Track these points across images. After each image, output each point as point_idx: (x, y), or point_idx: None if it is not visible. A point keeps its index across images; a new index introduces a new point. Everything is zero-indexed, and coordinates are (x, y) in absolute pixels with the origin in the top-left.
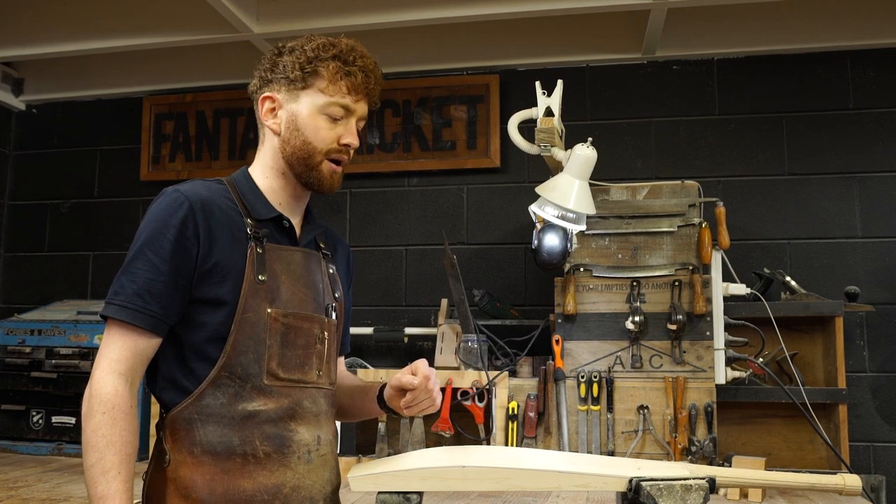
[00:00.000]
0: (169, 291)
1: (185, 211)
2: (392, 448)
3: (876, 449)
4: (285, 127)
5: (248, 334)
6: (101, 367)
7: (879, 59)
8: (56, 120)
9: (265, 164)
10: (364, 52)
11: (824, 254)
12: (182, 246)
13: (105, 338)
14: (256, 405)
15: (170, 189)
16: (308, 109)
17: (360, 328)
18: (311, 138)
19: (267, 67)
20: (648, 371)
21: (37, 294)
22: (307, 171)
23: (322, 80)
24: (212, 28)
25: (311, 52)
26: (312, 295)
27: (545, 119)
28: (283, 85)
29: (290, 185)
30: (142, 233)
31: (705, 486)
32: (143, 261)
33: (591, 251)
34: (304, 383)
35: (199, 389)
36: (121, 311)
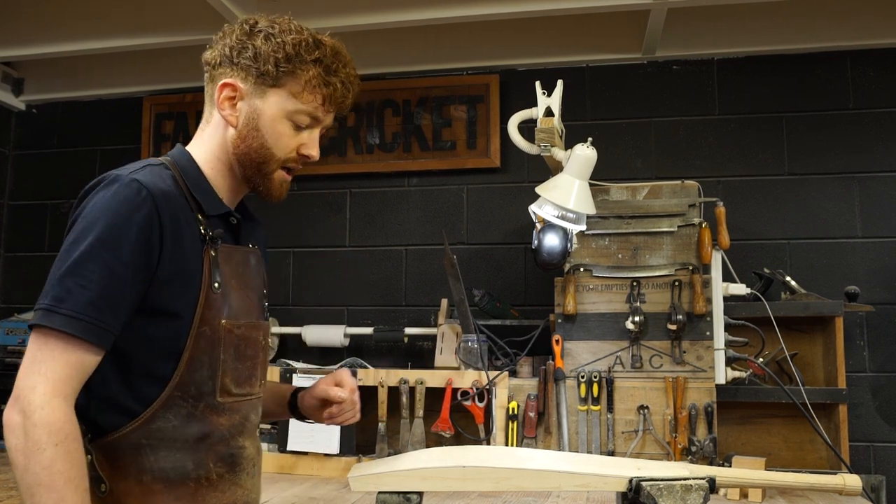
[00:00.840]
0: (124, 302)
1: (149, 208)
2: (392, 448)
3: (876, 449)
4: (244, 123)
5: (203, 349)
6: (43, 389)
7: (879, 59)
8: (56, 120)
9: (211, 152)
10: (348, 58)
11: (824, 254)
12: (144, 249)
13: (40, 351)
14: (210, 425)
15: (125, 177)
16: (274, 111)
17: (360, 328)
18: (270, 143)
19: (234, 46)
20: (648, 371)
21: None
22: (258, 176)
23: (297, 83)
24: (212, 28)
25: (290, 47)
26: (256, 299)
27: (545, 119)
28: (251, 75)
29: (234, 182)
30: (92, 226)
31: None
32: (96, 262)
33: (591, 251)
34: (251, 396)
35: (150, 411)
36: (69, 322)
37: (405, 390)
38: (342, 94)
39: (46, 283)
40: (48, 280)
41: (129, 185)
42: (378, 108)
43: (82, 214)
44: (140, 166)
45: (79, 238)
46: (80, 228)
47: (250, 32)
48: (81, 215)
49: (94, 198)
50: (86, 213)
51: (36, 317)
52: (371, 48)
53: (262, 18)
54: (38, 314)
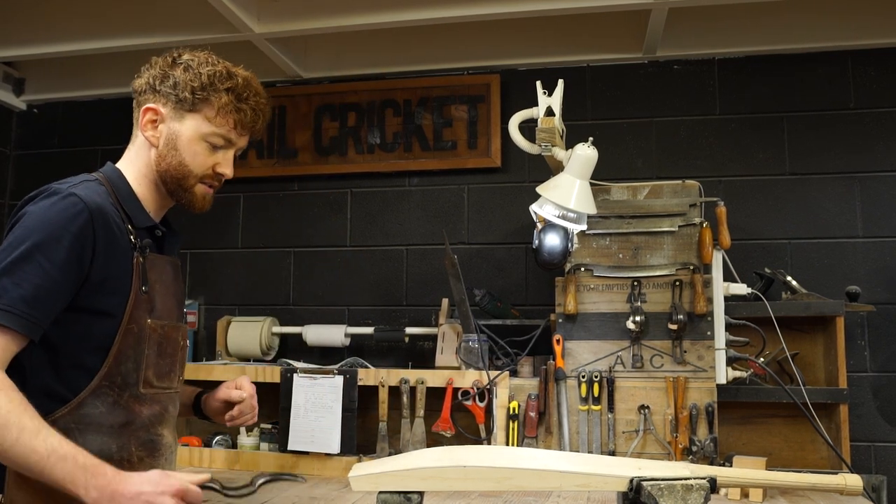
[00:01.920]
0: (54, 300)
1: (85, 220)
2: (393, 448)
3: (877, 449)
4: (164, 143)
5: (129, 344)
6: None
7: (881, 59)
8: (57, 120)
9: (138, 170)
10: (259, 89)
11: (825, 253)
12: (77, 256)
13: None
14: (132, 413)
15: (63, 191)
16: (190, 133)
17: (361, 328)
18: (188, 161)
19: (157, 76)
20: (649, 371)
21: None
22: (180, 190)
23: (211, 108)
24: (212, 28)
25: (206, 77)
26: (176, 303)
27: (546, 119)
28: (171, 101)
29: (160, 196)
30: (31, 233)
31: (706, 486)
32: (32, 265)
33: (592, 251)
34: (170, 389)
35: (79, 398)
36: (2, 315)
37: (406, 390)
38: (252, 119)
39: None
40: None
41: (67, 198)
42: (379, 108)
43: (21, 222)
44: (78, 181)
45: (16, 242)
46: (18, 234)
47: (172, 64)
48: (20, 223)
49: (33, 207)
50: (24, 221)
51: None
52: (371, 48)
53: (186, 52)
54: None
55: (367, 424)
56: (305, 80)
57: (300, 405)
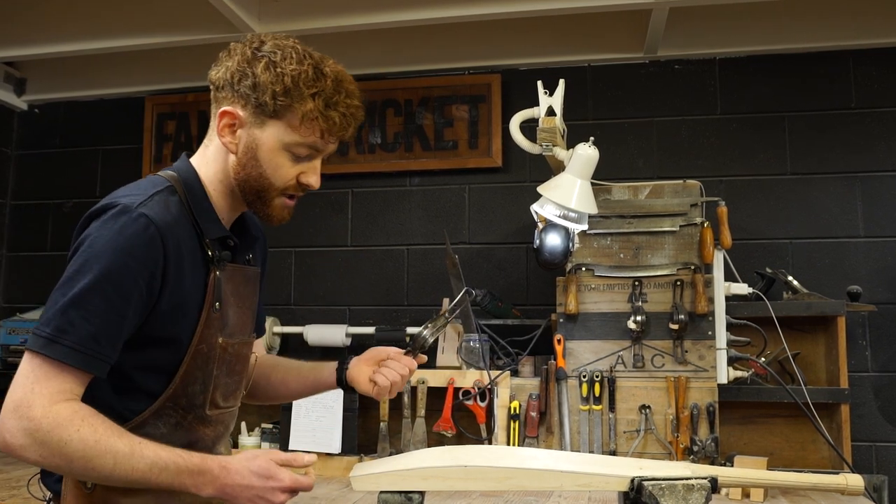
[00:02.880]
0: (121, 334)
1: (156, 248)
2: (394, 447)
3: (878, 449)
4: (243, 151)
5: (198, 366)
6: (41, 403)
7: (882, 59)
8: (58, 120)
9: (214, 174)
10: (350, 88)
11: (826, 253)
12: (148, 286)
13: (34, 374)
14: (195, 435)
15: (133, 209)
16: (272, 143)
17: (362, 328)
18: (269, 174)
19: (236, 72)
20: (650, 371)
21: (39, 294)
22: (259, 202)
23: (295, 116)
24: (213, 28)
25: (289, 80)
26: (249, 316)
27: (547, 118)
28: (250, 104)
29: (236, 203)
30: (98, 258)
31: (707, 486)
32: (102, 297)
33: (593, 251)
34: (234, 407)
35: (140, 418)
36: (69, 353)
37: (407, 390)
38: (342, 126)
39: (48, 308)
40: (50, 306)
41: (138, 221)
42: (380, 108)
43: (88, 244)
44: (148, 194)
45: (83, 269)
46: (85, 259)
47: (252, 57)
48: (87, 244)
49: (101, 229)
50: (92, 244)
51: (37, 343)
52: (372, 48)
53: (269, 39)
54: (38, 341)
55: (367, 424)
56: None
57: (301, 405)
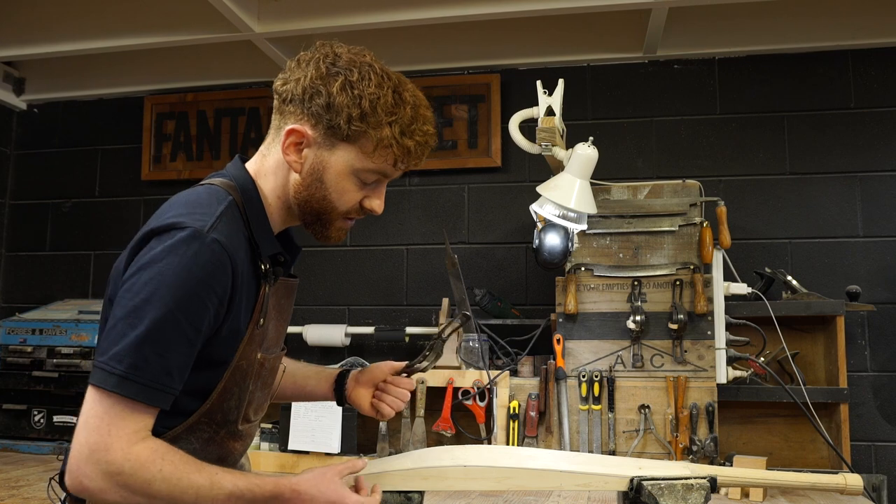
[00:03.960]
0: (191, 364)
1: (228, 276)
2: (393, 447)
3: (877, 448)
4: (308, 172)
5: (235, 381)
6: (119, 445)
7: (881, 58)
8: (57, 119)
9: (272, 189)
10: (427, 115)
11: (825, 253)
12: (216, 314)
13: (108, 414)
14: (226, 450)
15: (204, 233)
16: (341, 167)
17: (361, 327)
18: (333, 198)
19: (308, 89)
20: (650, 370)
21: (38, 293)
22: (317, 223)
23: (369, 142)
24: (213, 27)
25: (368, 104)
26: (284, 328)
27: (546, 118)
28: (322, 125)
29: (289, 218)
30: (171, 288)
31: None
32: (175, 330)
33: (593, 250)
34: (259, 420)
35: (173, 433)
36: (146, 391)
37: None
38: (416, 155)
39: (114, 339)
40: (117, 337)
41: (211, 249)
42: None
43: (158, 270)
44: (215, 213)
45: (154, 299)
46: (156, 287)
47: (327, 74)
48: (156, 271)
49: (171, 254)
50: (162, 271)
51: (109, 381)
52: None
53: (344, 51)
54: (111, 379)
55: (367, 424)
56: None
57: (300, 405)
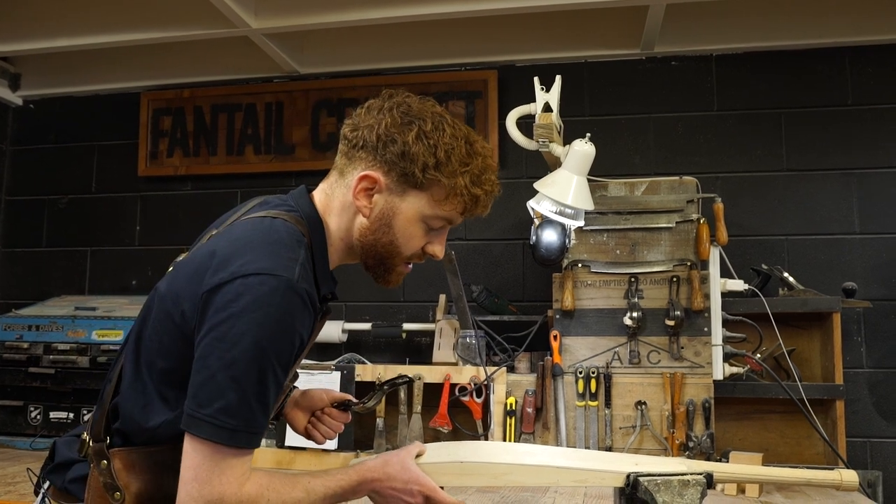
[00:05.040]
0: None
1: (311, 321)
2: (390, 443)
3: (873, 444)
4: (377, 217)
5: None
6: (231, 490)
7: (878, 56)
8: (53, 115)
9: (337, 230)
10: (494, 166)
11: (822, 250)
12: (297, 356)
13: (218, 467)
14: None
15: (297, 286)
16: (411, 213)
17: (359, 324)
18: (400, 243)
19: (382, 136)
20: (646, 367)
21: (34, 290)
22: (380, 266)
23: (441, 190)
24: (209, 23)
25: (443, 154)
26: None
27: (543, 115)
28: (395, 172)
29: (348, 258)
30: (270, 340)
31: (703, 482)
32: (274, 380)
33: (590, 247)
34: None
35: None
36: (253, 438)
37: (404, 386)
38: (484, 204)
39: (222, 393)
40: (224, 390)
41: (302, 299)
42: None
43: (252, 318)
44: (297, 259)
45: (255, 350)
46: (255, 338)
47: (402, 123)
48: (251, 318)
49: (265, 302)
50: (260, 320)
51: (221, 435)
52: (369, 44)
53: (414, 101)
54: (222, 433)
55: (364, 420)
56: (303, 76)
57: None
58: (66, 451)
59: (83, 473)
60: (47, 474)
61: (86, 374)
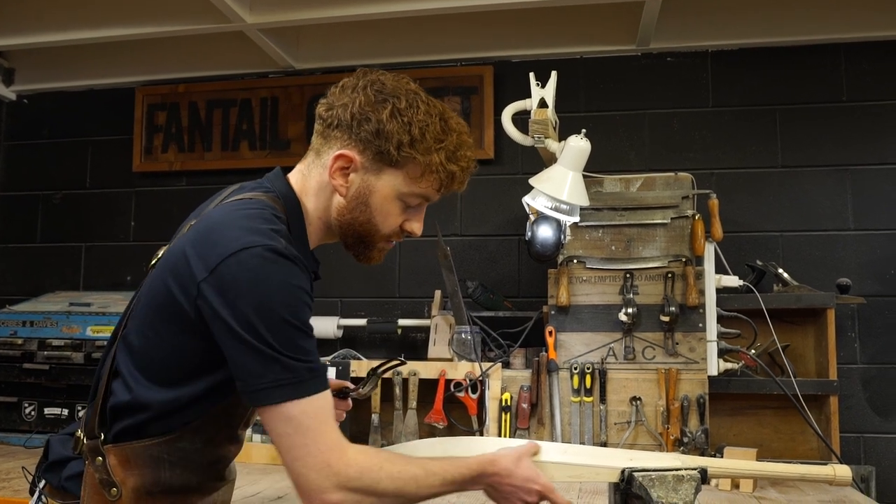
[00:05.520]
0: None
1: (310, 279)
2: (385, 439)
3: (866, 440)
4: (353, 196)
5: None
6: (336, 458)
7: (873, 52)
8: (47, 110)
9: (315, 209)
10: (470, 142)
11: (816, 246)
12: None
13: (307, 435)
14: (224, 451)
15: (283, 252)
16: (387, 191)
17: (354, 319)
18: (378, 221)
19: (357, 115)
20: (641, 363)
21: (28, 285)
22: (359, 245)
23: (416, 167)
24: (204, 18)
25: (417, 131)
26: None
27: (539, 110)
28: (370, 151)
29: (326, 238)
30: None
31: (697, 477)
32: (301, 335)
33: (585, 243)
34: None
35: (181, 431)
36: (318, 380)
37: (398, 382)
38: (460, 180)
39: (266, 361)
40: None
41: (291, 259)
42: None
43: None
44: (281, 233)
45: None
46: (268, 310)
47: (375, 101)
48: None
49: (262, 271)
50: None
51: (285, 393)
52: (364, 39)
53: (388, 78)
54: (287, 389)
55: (359, 416)
56: (298, 71)
57: None
58: (61, 448)
59: (79, 471)
60: (43, 473)
61: (80, 369)
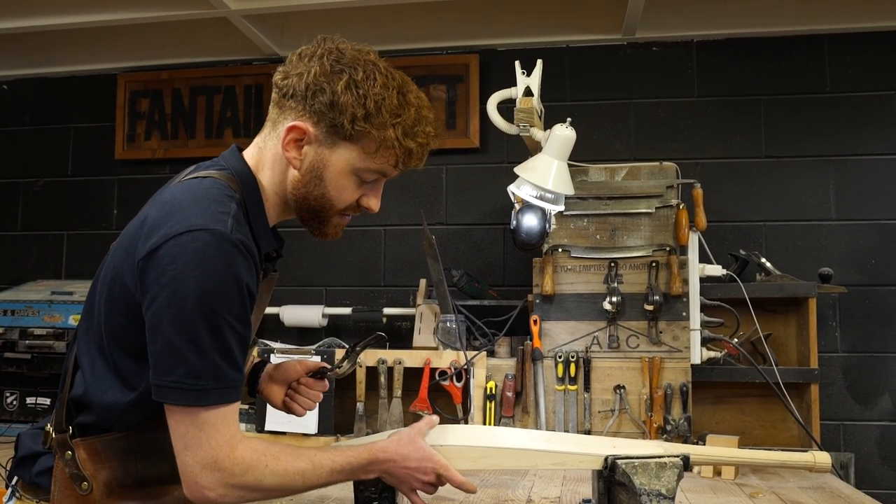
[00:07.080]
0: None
1: (252, 270)
2: (370, 428)
3: (846, 427)
4: (307, 169)
5: None
6: (224, 454)
7: (857, 44)
8: (28, 96)
9: (270, 184)
10: (429, 117)
11: (799, 236)
12: (249, 307)
13: (203, 431)
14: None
15: (230, 237)
16: (341, 165)
17: (339, 308)
18: (332, 195)
19: (311, 85)
20: (625, 351)
21: (9, 274)
22: (314, 220)
23: (372, 142)
24: (188, 4)
25: (373, 105)
26: (258, 322)
27: (524, 99)
28: (324, 123)
29: (285, 213)
30: (210, 293)
31: (679, 464)
32: (229, 330)
33: (570, 232)
34: None
35: (151, 424)
36: (227, 393)
37: (383, 370)
38: (418, 156)
39: (183, 357)
40: (184, 354)
41: (239, 250)
42: None
43: (192, 277)
44: (229, 212)
45: (201, 306)
46: (199, 295)
47: (331, 71)
48: (191, 278)
49: (200, 258)
50: (199, 278)
51: (192, 398)
52: (349, 26)
53: (347, 48)
54: (193, 395)
55: (344, 405)
56: (282, 59)
57: None
58: (31, 443)
59: (49, 466)
60: (14, 468)
61: (62, 359)
